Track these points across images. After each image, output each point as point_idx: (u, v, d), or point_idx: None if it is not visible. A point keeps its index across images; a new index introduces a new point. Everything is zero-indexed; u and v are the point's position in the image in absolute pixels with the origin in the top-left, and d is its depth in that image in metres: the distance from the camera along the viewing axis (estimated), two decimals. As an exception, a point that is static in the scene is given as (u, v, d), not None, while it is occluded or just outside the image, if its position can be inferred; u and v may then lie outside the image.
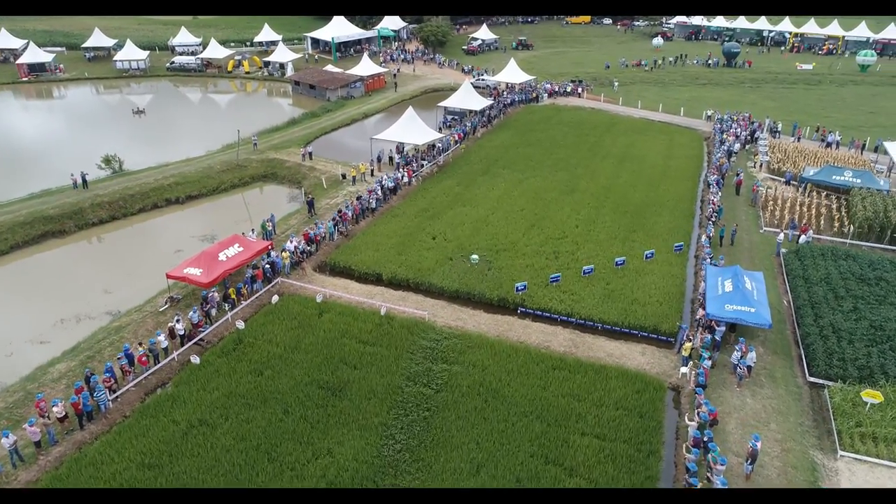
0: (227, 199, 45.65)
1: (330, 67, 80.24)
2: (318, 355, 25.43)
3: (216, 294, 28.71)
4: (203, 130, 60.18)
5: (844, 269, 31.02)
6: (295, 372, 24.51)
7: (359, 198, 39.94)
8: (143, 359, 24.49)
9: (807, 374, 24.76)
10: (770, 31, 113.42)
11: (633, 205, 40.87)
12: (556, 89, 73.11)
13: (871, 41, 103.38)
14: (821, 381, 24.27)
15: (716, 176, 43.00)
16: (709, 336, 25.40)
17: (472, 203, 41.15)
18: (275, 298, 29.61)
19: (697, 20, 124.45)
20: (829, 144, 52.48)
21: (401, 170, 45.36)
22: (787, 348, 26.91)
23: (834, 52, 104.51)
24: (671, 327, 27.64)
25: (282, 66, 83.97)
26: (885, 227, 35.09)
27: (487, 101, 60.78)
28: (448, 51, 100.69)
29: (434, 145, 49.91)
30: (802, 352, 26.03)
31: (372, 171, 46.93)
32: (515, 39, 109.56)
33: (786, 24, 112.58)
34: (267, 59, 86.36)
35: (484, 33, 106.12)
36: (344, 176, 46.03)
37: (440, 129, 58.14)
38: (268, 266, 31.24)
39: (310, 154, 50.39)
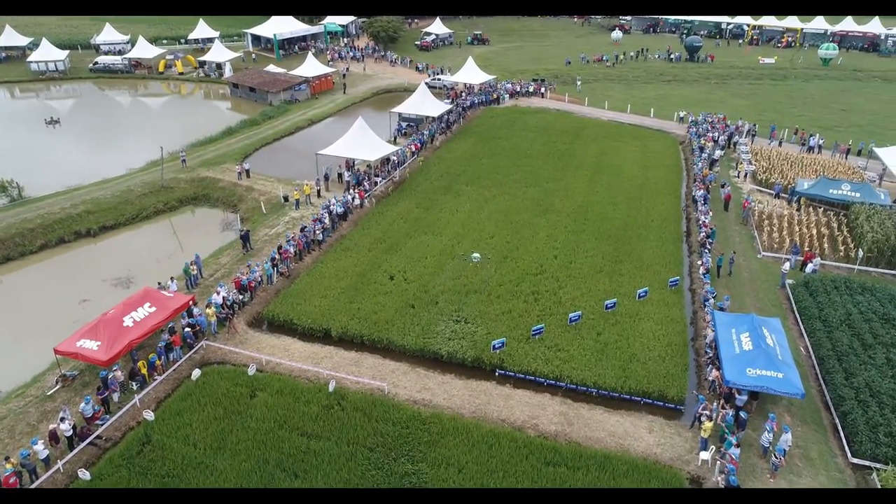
0: (150, 229, 39.26)
1: (272, 68, 73.48)
2: (247, 459, 19.90)
3: (119, 373, 22.81)
4: (126, 143, 53.14)
5: (864, 307, 27.09)
6: (217, 484, 18.95)
7: (303, 229, 34.24)
8: (12, 479, 18.51)
9: (849, 455, 20.52)
10: (728, 24, 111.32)
11: (614, 227, 36.34)
12: (518, 89, 68.31)
13: (828, 33, 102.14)
14: (867, 463, 20.07)
15: (702, 191, 38.87)
16: (731, 413, 20.90)
17: (435, 229, 35.94)
18: (196, 373, 23.84)
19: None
20: (811, 149, 49.19)
21: (351, 190, 39.76)
22: (816, 415, 22.69)
23: (793, 44, 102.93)
24: (679, 392, 23.12)
25: (219, 66, 76.75)
26: (898, 251, 31.48)
27: (445, 106, 55.49)
28: (400, 47, 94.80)
29: (389, 159, 44.41)
30: (838, 422, 21.81)
31: (318, 191, 41.16)
32: (471, 34, 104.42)
33: (744, 17, 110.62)
34: (202, 58, 78.89)
35: (437, 28, 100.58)
36: (286, 198, 40.15)
37: (395, 137, 52.64)
38: (188, 330, 25.40)
39: (247, 171, 44.24)
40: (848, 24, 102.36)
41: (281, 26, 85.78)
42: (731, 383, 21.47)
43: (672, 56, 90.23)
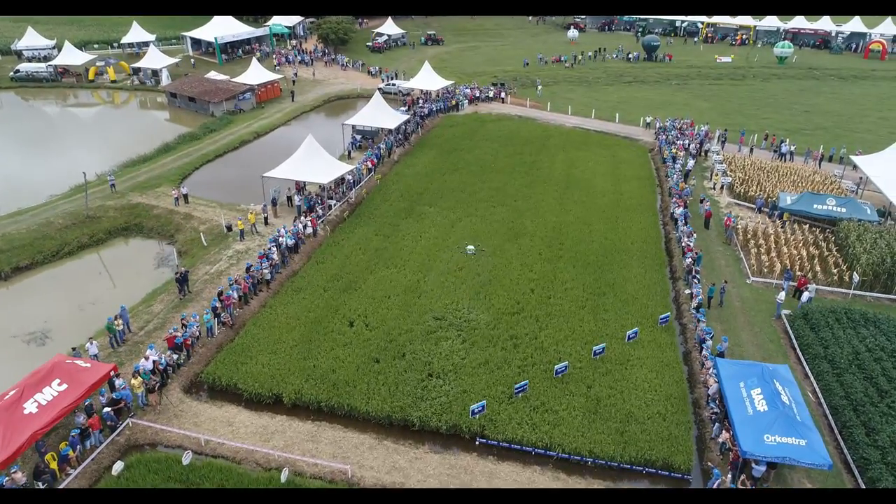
0: (73, 268, 34.51)
1: (213, 74, 68.44)
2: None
3: (20, 475, 18.62)
4: (49, 164, 47.78)
5: (871, 343, 24.89)
6: None
7: (248, 268, 30.21)
8: None
9: (884, 533, 18.00)
10: (683, 22, 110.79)
11: (592, 253, 33.49)
12: (478, 94, 65.17)
13: (781, 31, 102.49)
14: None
15: (681, 209, 36.43)
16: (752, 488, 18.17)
17: (397, 261, 32.43)
18: (117, 467, 19.80)
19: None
20: (783, 155, 47.54)
21: (303, 218, 35.85)
22: (838, 478, 20.17)
23: (746, 42, 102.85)
24: (686, 460, 20.32)
25: (155, 73, 71.15)
26: (894, 275, 29.49)
27: (402, 116, 51.85)
28: (351, 49, 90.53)
29: (343, 178, 40.59)
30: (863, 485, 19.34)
31: (266, 218, 37.08)
32: (424, 34, 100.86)
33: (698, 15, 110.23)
34: (137, 64, 73.10)
35: (389, 28, 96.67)
36: (230, 228, 35.98)
37: (349, 152, 48.78)
38: (109, 410, 21.28)
39: (185, 196, 39.79)
40: (799, 21, 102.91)
41: (222, 29, 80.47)
42: (748, 454, 18.70)
43: (630, 56, 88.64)
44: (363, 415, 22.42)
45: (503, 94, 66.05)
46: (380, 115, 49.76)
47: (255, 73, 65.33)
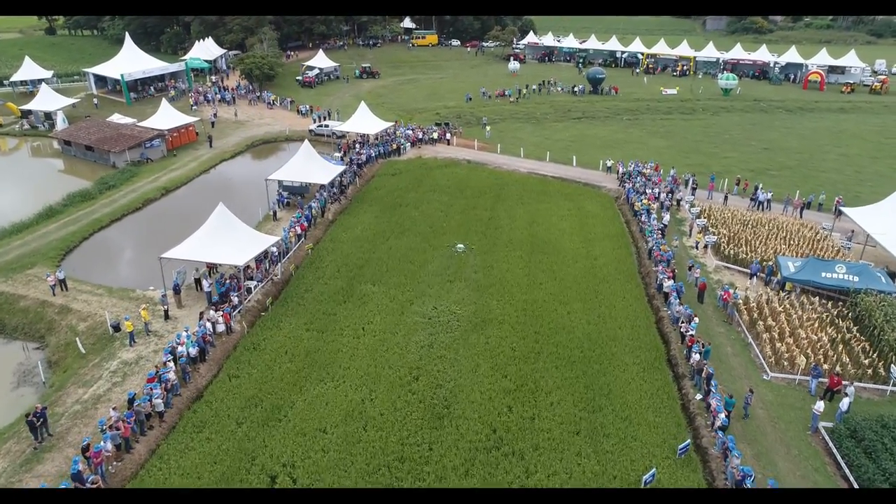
0: None
1: (118, 117, 59.78)
2: None
3: None
4: None
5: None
6: None
7: (131, 401, 22.46)
8: None
9: None
10: (623, 52, 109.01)
11: (576, 345, 27.41)
12: (421, 136, 59.11)
13: (720, 61, 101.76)
14: None
15: (670, 280, 30.99)
16: None
17: (335, 370, 25.41)
18: None
19: (549, 41, 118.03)
20: (760, 203, 43.32)
21: (213, 313, 28.30)
22: None
23: (687, 72, 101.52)
24: None
25: (48, 115, 61.91)
26: (938, 365, 24.67)
27: (337, 168, 44.94)
28: (279, 84, 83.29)
29: (267, 252, 33.32)
30: None
31: (166, 312, 29.32)
32: (358, 67, 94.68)
33: (637, 45, 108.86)
34: (28, 106, 63.63)
35: (321, 61, 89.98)
36: (117, 328, 28.06)
37: (274, 213, 41.43)
38: None
39: (63, 283, 31.56)
40: (738, 52, 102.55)
41: (130, 64, 71.78)
42: None
43: (576, 89, 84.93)
44: None
45: (448, 136, 60.25)
46: (310, 167, 42.79)
47: (167, 116, 57.23)
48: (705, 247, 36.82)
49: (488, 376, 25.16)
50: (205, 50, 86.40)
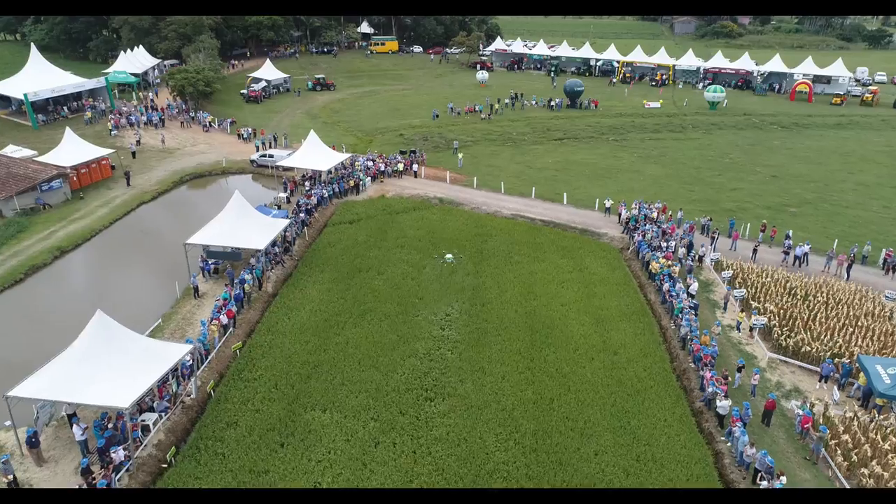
0: None
1: (11, 149, 48.98)
2: None
3: None
4: None
5: None
6: None
7: None
8: None
9: None
10: (597, 60, 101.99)
11: (616, 517, 19.10)
12: (384, 168, 50.22)
13: (700, 70, 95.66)
14: None
15: (728, 400, 22.92)
16: None
17: None
18: None
19: (518, 48, 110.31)
20: (797, 258, 35.92)
21: (86, 479, 18.97)
22: None
23: (666, 81, 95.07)
24: None
25: (-73, 146, 50.74)
26: None
27: (278, 225, 35.48)
28: (220, 99, 73.27)
29: (175, 371, 23.97)
30: None
31: (13, 480, 19.82)
32: (311, 78, 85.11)
33: (612, 52, 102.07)
34: None
35: (269, 71, 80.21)
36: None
37: (195, 289, 31.88)
38: None
39: None
40: (718, 60, 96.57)
41: (38, 81, 60.73)
42: None
43: (553, 103, 77.15)
44: None
45: (415, 166, 51.53)
46: (243, 224, 33.46)
47: (73, 149, 46.81)
48: (751, 330, 28.96)
49: None
50: (133, 61, 75.50)
